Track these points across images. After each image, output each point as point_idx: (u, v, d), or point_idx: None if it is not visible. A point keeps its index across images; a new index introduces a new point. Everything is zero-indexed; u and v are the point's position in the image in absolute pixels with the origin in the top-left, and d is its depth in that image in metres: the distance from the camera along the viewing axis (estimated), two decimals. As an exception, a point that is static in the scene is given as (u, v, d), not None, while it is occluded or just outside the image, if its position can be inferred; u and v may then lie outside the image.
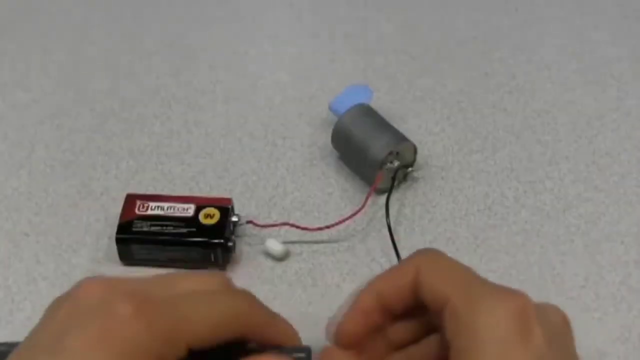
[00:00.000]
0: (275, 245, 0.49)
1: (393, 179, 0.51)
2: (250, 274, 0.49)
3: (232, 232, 0.49)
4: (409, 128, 0.56)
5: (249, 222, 0.50)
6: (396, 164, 0.51)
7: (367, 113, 0.53)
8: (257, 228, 0.50)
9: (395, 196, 0.52)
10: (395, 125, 0.53)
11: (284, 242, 0.49)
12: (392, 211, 0.51)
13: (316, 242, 0.50)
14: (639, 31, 0.63)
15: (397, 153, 0.51)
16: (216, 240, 0.48)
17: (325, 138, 0.56)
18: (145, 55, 0.64)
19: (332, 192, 0.53)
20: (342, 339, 0.42)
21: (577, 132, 0.56)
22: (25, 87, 0.62)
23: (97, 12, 0.68)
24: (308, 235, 0.50)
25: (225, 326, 0.39)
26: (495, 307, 0.36)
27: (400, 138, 0.52)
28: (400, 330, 0.41)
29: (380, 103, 0.58)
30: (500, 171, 0.54)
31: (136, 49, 0.64)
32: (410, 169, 0.53)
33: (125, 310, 0.37)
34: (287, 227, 0.50)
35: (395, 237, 0.50)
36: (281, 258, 0.49)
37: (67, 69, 0.63)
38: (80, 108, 0.60)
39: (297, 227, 0.50)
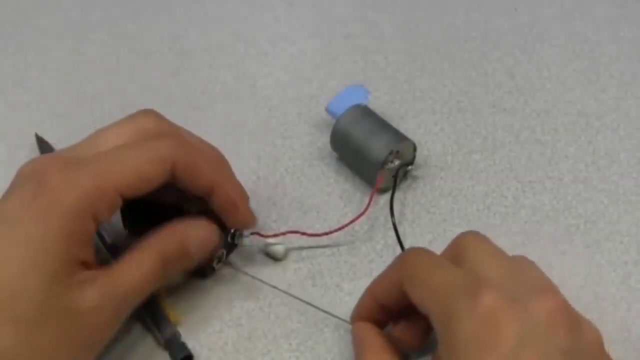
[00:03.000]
0: (275, 246, 0.49)
1: (395, 178, 0.51)
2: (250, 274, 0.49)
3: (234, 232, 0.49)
4: (408, 128, 0.56)
5: (254, 233, 0.49)
6: (397, 162, 0.51)
7: (365, 114, 0.53)
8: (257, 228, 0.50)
9: (394, 196, 0.52)
10: (395, 125, 0.53)
11: (284, 242, 0.49)
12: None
13: (316, 242, 0.50)
14: (639, 31, 0.63)
15: (398, 152, 0.51)
16: None
17: (325, 138, 0.56)
18: (145, 55, 0.64)
19: (331, 191, 0.53)
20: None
21: (577, 132, 0.56)
22: (25, 87, 0.62)
23: (97, 12, 0.68)
24: (308, 237, 0.50)
25: (151, 169, 0.42)
26: (465, 318, 0.36)
27: (400, 137, 0.52)
28: (405, 328, 0.42)
29: (380, 103, 0.58)
30: (500, 171, 0.54)
31: (136, 49, 0.64)
32: (410, 167, 0.53)
33: (53, 169, 0.40)
34: (297, 235, 0.50)
35: (394, 238, 0.50)
36: (281, 258, 0.49)
37: (67, 69, 0.63)
38: (80, 108, 0.60)
39: (305, 234, 0.49)
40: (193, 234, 0.44)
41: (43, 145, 0.56)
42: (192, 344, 0.45)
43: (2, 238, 0.39)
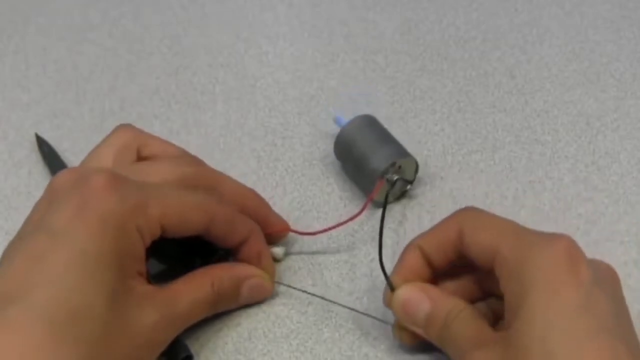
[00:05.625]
0: (274, 246, 0.49)
1: (388, 191, 0.50)
2: (250, 274, 0.49)
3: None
4: (408, 128, 0.56)
5: None
6: (396, 177, 0.50)
7: (372, 123, 0.52)
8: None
9: (386, 210, 0.52)
10: (395, 126, 0.53)
11: (284, 243, 0.49)
12: (391, 212, 0.51)
13: (316, 243, 0.50)
14: (639, 31, 0.63)
15: (400, 167, 0.51)
16: None
17: (326, 138, 0.56)
18: (145, 55, 0.64)
19: (331, 192, 0.53)
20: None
21: (577, 132, 0.56)
22: (25, 87, 0.62)
23: (96, 12, 0.68)
24: (308, 236, 0.50)
25: (194, 217, 0.42)
26: (543, 250, 0.37)
27: (404, 152, 0.51)
28: (448, 288, 0.43)
29: (380, 103, 0.58)
30: (500, 171, 0.54)
31: (136, 49, 0.64)
32: (409, 186, 0.52)
33: (98, 183, 0.39)
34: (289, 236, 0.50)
35: (395, 238, 0.50)
36: (281, 258, 0.49)
37: (67, 69, 0.63)
38: (80, 108, 0.60)
39: (297, 232, 0.50)
40: (249, 281, 0.45)
41: (43, 145, 0.56)
42: (192, 344, 0.45)
43: (57, 254, 0.37)
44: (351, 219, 0.49)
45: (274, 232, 0.48)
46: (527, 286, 0.36)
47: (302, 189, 0.53)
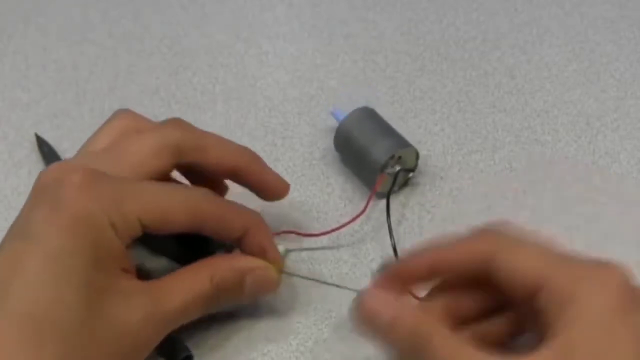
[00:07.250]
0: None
1: (393, 182, 0.51)
2: (250, 274, 0.49)
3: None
4: (408, 128, 0.56)
5: None
6: (397, 168, 0.51)
7: (370, 116, 0.52)
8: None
9: (395, 196, 0.52)
10: (395, 125, 0.53)
11: (283, 242, 0.49)
12: (391, 212, 0.51)
13: (316, 243, 0.50)
14: (639, 31, 0.63)
15: (399, 157, 0.51)
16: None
17: (325, 138, 0.56)
18: (145, 55, 0.64)
19: (331, 192, 0.53)
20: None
21: (577, 132, 0.56)
22: (25, 87, 0.62)
23: (97, 12, 0.68)
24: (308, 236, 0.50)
25: (177, 215, 0.41)
26: (594, 285, 0.36)
27: (403, 143, 0.51)
28: (464, 304, 0.40)
29: (380, 103, 0.58)
30: (500, 171, 0.54)
31: (136, 49, 0.64)
32: (411, 174, 0.52)
33: (74, 181, 0.39)
34: (290, 234, 0.50)
35: (395, 238, 0.50)
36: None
37: (67, 69, 0.63)
38: (80, 108, 0.60)
39: (299, 234, 0.50)
40: (254, 273, 0.43)
41: (43, 145, 0.56)
42: (192, 344, 0.45)
43: (30, 257, 0.37)
44: (354, 219, 0.49)
45: (274, 192, 0.46)
46: (578, 322, 0.35)
47: (302, 189, 0.53)
